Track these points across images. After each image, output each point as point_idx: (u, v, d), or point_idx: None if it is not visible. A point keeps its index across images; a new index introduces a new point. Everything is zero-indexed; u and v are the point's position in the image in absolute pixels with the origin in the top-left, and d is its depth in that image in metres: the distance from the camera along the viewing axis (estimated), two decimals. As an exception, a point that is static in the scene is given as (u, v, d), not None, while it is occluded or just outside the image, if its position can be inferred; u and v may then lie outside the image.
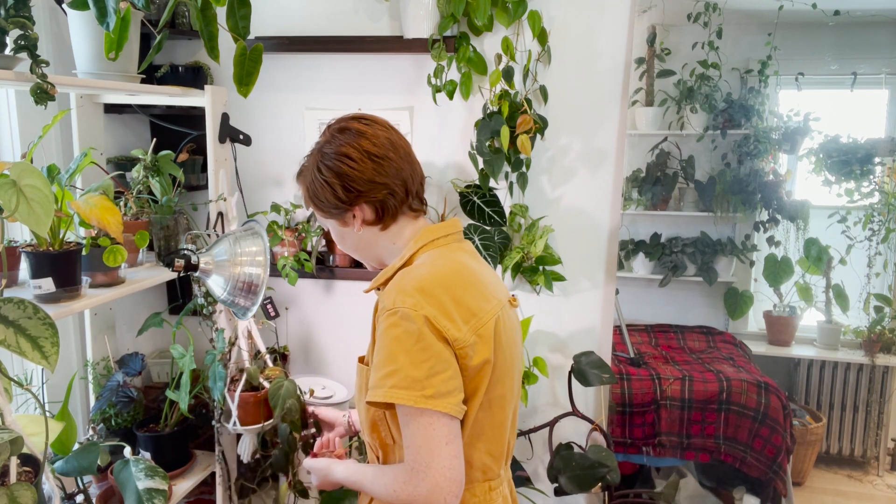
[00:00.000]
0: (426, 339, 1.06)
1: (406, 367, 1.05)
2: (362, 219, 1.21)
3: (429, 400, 1.04)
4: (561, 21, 2.03)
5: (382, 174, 1.18)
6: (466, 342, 1.09)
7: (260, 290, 1.66)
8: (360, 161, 1.17)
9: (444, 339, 1.08)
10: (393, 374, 1.06)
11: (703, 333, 3.36)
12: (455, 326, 1.09)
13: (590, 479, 1.95)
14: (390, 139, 1.21)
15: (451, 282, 1.13)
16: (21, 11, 1.36)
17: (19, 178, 1.21)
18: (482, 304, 1.15)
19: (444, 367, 1.06)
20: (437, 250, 1.22)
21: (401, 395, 1.05)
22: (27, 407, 1.77)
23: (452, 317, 1.09)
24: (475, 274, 1.19)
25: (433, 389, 1.05)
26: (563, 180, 2.12)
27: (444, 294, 1.10)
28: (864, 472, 3.44)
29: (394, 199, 1.19)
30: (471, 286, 1.15)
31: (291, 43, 2.12)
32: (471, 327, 1.11)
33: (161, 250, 1.91)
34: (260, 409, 1.96)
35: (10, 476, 1.13)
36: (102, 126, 2.02)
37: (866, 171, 3.30)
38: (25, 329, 1.12)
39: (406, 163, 1.21)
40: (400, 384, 1.05)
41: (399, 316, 1.07)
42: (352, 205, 1.19)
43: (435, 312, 1.07)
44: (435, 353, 1.06)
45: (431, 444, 1.04)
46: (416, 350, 1.06)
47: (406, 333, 1.06)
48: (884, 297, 3.38)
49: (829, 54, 3.37)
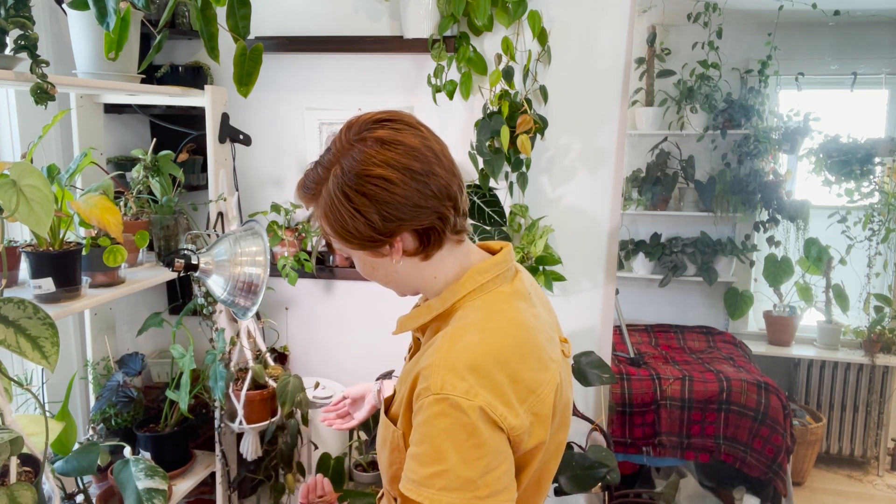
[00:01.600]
0: (481, 434, 0.88)
1: (457, 466, 0.88)
2: (402, 249, 0.98)
3: (483, 501, 0.89)
4: (561, 21, 2.03)
5: (429, 195, 0.94)
6: (523, 428, 0.92)
7: (260, 290, 1.66)
8: (400, 183, 0.93)
9: (500, 429, 0.91)
10: (441, 474, 0.88)
11: (703, 333, 3.36)
12: (512, 413, 0.91)
13: (590, 479, 1.95)
14: (430, 146, 0.96)
15: (507, 353, 0.94)
16: (21, 11, 1.36)
17: (19, 178, 1.21)
18: (541, 374, 0.96)
19: (499, 461, 0.90)
20: (486, 299, 1.01)
21: (451, 499, 0.88)
22: (27, 407, 1.77)
23: (509, 400, 0.91)
24: (532, 332, 0.99)
25: (488, 489, 0.89)
26: (563, 180, 2.12)
27: (500, 373, 0.91)
28: (864, 472, 3.44)
29: (442, 224, 0.97)
30: (529, 355, 0.96)
31: (291, 43, 2.13)
32: (527, 407, 0.93)
33: (161, 250, 1.91)
34: (266, 407, 1.97)
35: (10, 476, 1.13)
36: (102, 126, 2.02)
37: (866, 171, 3.30)
38: (25, 329, 1.12)
39: (451, 174, 0.98)
40: (450, 486, 0.88)
41: (449, 404, 0.88)
42: (392, 235, 0.96)
43: (491, 399, 0.89)
44: (490, 448, 0.89)
45: None
46: (469, 447, 0.88)
47: (457, 427, 0.88)
48: (884, 297, 3.38)
49: (829, 54, 3.37)
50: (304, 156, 2.25)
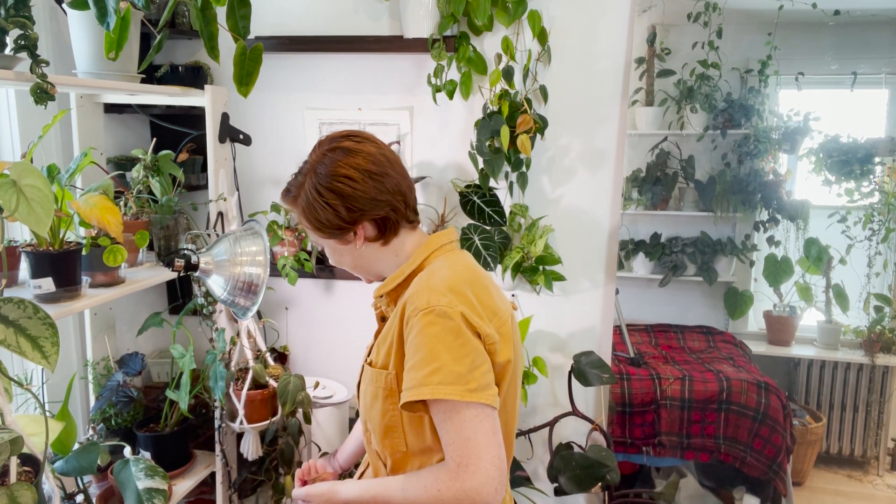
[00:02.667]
0: (465, 334, 1.09)
1: (449, 363, 1.07)
2: (364, 236, 1.23)
3: (473, 393, 1.06)
4: (561, 21, 2.03)
5: (382, 191, 1.19)
6: (494, 339, 1.13)
7: (260, 289, 1.66)
8: (361, 181, 1.18)
9: (478, 335, 1.11)
10: (437, 371, 1.07)
11: (703, 333, 3.36)
12: (484, 323, 1.12)
13: (590, 479, 1.95)
14: (385, 155, 1.22)
15: (472, 282, 1.17)
16: (21, 11, 1.36)
17: (19, 178, 1.21)
18: (499, 304, 1.20)
19: (482, 360, 1.10)
20: (448, 254, 1.25)
21: (448, 391, 1.06)
22: (27, 407, 1.77)
23: (480, 314, 1.13)
24: (487, 278, 1.24)
25: (476, 383, 1.07)
26: (563, 180, 2.12)
27: (469, 292, 1.14)
28: (864, 472, 3.43)
29: (395, 214, 1.22)
30: (487, 287, 1.20)
31: (291, 43, 2.12)
32: (494, 325, 1.15)
33: (161, 250, 1.91)
34: (266, 407, 1.97)
35: (10, 476, 1.13)
36: (102, 126, 2.02)
37: (866, 171, 3.30)
38: (25, 329, 1.12)
39: (402, 176, 1.24)
40: (445, 380, 1.06)
41: (436, 314, 1.09)
42: (354, 223, 1.21)
43: (467, 309, 1.10)
44: (473, 347, 1.09)
45: (480, 436, 1.06)
46: (457, 346, 1.08)
47: (445, 330, 1.08)
48: (884, 297, 3.38)
49: (829, 54, 3.37)
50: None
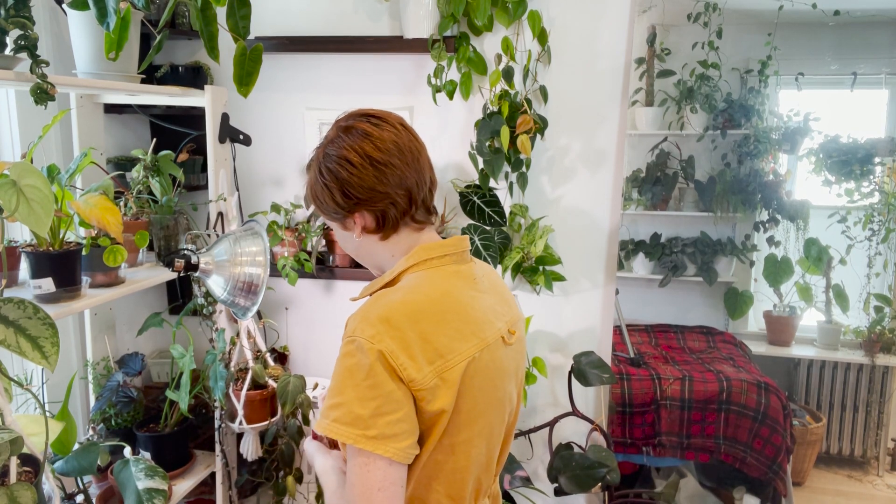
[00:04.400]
0: (377, 376, 0.97)
1: (351, 402, 0.97)
2: (363, 226, 1.13)
3: (370, 441, 0.96)
4: (561, 21, 2.03)
5: (384, 182, 1.08)
6: (425, 385, 0.99)
7: (260, 290, 1.66)
8: (360, 167, 1.08)
9: (399, 379, 0.98)
10: (338, 406, 0.98)
11: (703, 333, 3.36)
12: (415, 366, 0.98)
13: (590, 479, 1.95)
14: (398, 143, 1.10)
15: (423, 315, 1.03)
16: (21, 11, 1.36)
17: (19, 178, 1.21)
18: (456, 343, 1.04)
19: (392, 408, 0.97)
20: (426, 272, 1.11)
21: (341, 432, 0.97)
22: (27, 407, 1.77)
23: (414, 355, 0.99)
24: (460, 306, 1.08)
25: (377, 430, 0.96)
26: (563, 180, 2.12)
27: (410, 329, 1.00)
28: (864, 472, 3.43)
29: (395, 210, 1.10)
30: (446, 322, 1.04)
31: (291, 43, 2.12)
32: (434, 369, 1.00)
33: (161, 250, 1.91)
34: (266, 407, 1.97)
35: (10, 476, 1.13)
36: (102, 126, 2.02)
37: (866, 171, 3.31)
38: (25, 329, 1.12)
39: (413, 170, 1.11)
40: (342, 419, 0.97)
41: (355, 346, 0.99)
42: (351, 211, 1.11)
43: (393, 348, 0.98)
44: (384, 392, 0.97)
45: (364, 487, 0.97)
46: (365, 386, 0.97)
47: (357, 366, 0.98)
48: (884, 297, 3.38)
49: (829, 54, 3.37)
50: (304, 156, 2.25)
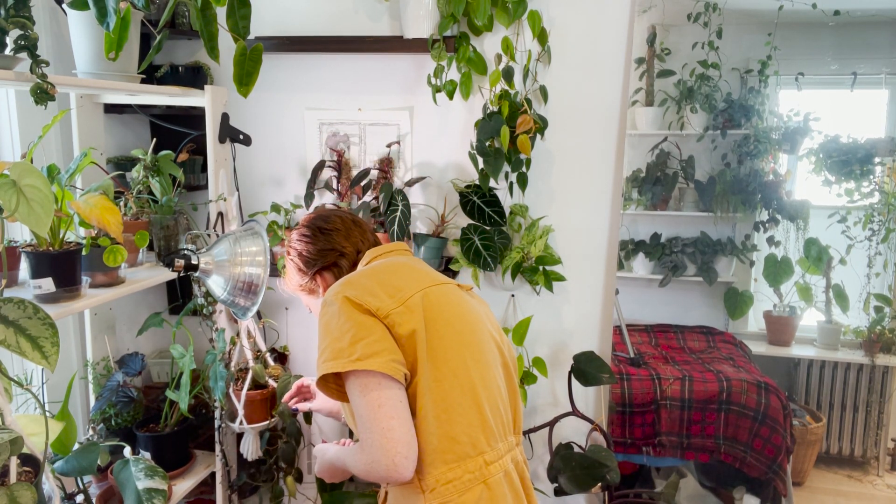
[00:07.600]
0: (346, 313, 1.15)
1: (333, 342, 1.14)
2: (325, 286, 1.37)
3: (355, 363, 1.09)
4: (561, 21, 2.03)
5: (331, 242, 1.37)
6: (390, 309, 1.16)
7: (260, 290, 1.66)
8: (312, 236, 1.38)
9: (367, 311, 1.15)
10: (323, 352, 1.14)
11: (703, 333, 3.36)
12: (377, 299, 1.16)
13: (590, 479, 1.95)
14: (340, 216, 1.42)
15: (377, 271, 1.25)
16: (21, 11, 1.36)
17: (19, 178, 1.21)
18: (410, 283, 1.23)
19: (366, 332, 1.13)
20: (377, 261, 1.34)
21: (331, 366, 1.11)
22: (27, 407, 1.77)
23: (375, 292, 1.18)
24: (407, 267, 1.29)
25: (359, 353, 1.10)
26: (563, 180, 2.12)
27: (367, 280, 1.21)
28: (864, 472, 3.43)
29: (345, 260, 1.37)
30: (398, 274, 1.25)
31: (291, 43, 2.12)
32: (395, 300, 1.18)
33: (161, 250, 1.91)
34: (266, 407, 1.97)
35: (10, 476, 1.13)
36: (102, 126, 2.02)
37: (866, 171, 3.30)
38: (25, 329, 1.12)
39: (350, 229, 1.40)
40: (329, 357, 1.12)
41: (325, 304, 1.19)
42: (314, 277, 1.39)
43: (355, 293, 1.17)
44: (355, 322, 1.14)
45: (368, 409, 1.09)
46: (337, 325, 1.14)
47: (329, 316, 1.17)
48: (884, 297, 3.37)
49: (829, 54, 3.37)
50: (304, 156, 2.25)
